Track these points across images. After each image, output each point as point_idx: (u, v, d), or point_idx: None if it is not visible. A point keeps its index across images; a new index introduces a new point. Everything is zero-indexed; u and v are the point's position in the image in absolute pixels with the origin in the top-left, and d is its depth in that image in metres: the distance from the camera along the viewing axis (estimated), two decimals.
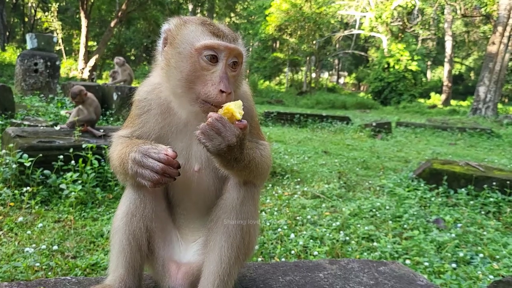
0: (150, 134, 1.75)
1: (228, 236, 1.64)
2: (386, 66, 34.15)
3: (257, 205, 1.77)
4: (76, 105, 6.56)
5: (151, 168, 1.48)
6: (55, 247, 3.56)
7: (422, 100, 37.31)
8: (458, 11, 34.63)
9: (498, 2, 24.40)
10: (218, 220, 1.68)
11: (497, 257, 3.90)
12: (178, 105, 1.67)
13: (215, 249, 1.65)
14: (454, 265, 3.65)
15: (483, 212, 5.34)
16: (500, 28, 23.25)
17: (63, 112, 7.54)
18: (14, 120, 7.93)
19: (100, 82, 20.48)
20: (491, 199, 5.53)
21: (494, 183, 5.82)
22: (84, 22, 29.26)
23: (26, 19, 42.42)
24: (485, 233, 4.50)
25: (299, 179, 6.78)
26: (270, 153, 1.79)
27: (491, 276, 3.40)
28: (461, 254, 3.87)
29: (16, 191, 4.61)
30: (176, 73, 1.59)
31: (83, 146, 5.20)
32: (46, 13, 34.77)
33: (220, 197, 1.73)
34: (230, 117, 1.46)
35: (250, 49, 46.45)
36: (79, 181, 4.85)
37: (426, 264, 3.61)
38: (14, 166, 4.80)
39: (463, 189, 5.84)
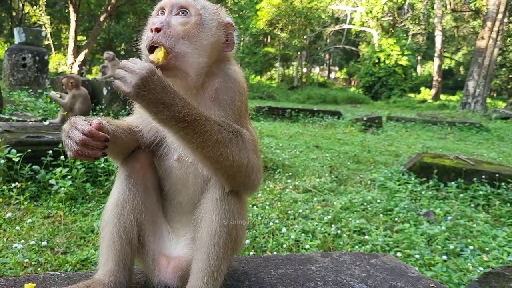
0: (148, 126, 1.75)
1: (213, 235, 1.61)
2: (376, 61, 34.30)
3: (242, 202, 1.72)
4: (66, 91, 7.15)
5: (73, 138, 1.47)
6: (45, 243, 3.51)
7: (412, 95, 37.59)
8: (448, 6, 34.88)
9: None
10: (202, 220, 1.65)
11: (487, 249, 3.93)
12: None
13: (202, 248, 1.63)
14: (444, 257, 3.67)
15: (472, 205, 5.38)
16: (489, 23, 23.45)
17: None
18: (2, 115, 7.84)
19: (89, 76, 20.27)
20: (481, 192, 5.58)
21: (483, 176, 5.88)
22: (73, 16, 28.93)
23: (14, 13, 41.74)
24: (474, 225, 4.54)
25: (290, 173, 6.78)
26: (250, 145, 1.63)
27: (481, 268, 3.43)
28: (451, 247, 3.90)
29: (4, 187, 4.54)
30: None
31: None
32: (34, 7, 34.31)
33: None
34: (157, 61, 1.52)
35: (241, 43, 46.36)
36: (69, 176, 4.79)
37: (417, 256, 3.63)
38: (2, 161, 4.72)
39: (453, 182, 5.88)
